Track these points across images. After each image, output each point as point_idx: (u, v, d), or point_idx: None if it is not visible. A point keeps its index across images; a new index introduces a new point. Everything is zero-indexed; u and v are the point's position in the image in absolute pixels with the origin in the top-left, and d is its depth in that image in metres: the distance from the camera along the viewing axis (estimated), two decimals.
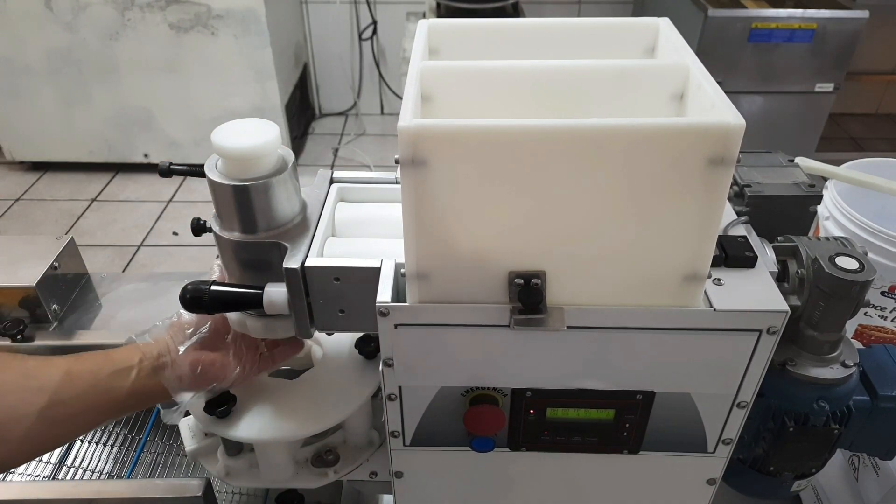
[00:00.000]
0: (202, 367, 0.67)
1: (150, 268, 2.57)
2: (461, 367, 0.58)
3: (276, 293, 0.59)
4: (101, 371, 0.63)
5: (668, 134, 0.46)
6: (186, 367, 0.66)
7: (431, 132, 0.46)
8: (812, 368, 0.63)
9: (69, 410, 0.61)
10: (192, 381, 0.66)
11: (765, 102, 2.58)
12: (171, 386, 0.65)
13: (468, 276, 0.53)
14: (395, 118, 0.48)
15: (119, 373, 0.63)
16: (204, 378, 0.67)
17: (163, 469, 1.00)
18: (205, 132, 1.60)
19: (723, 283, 0.56)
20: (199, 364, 0.66)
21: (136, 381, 0.63)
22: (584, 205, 0.49)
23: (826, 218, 1.06)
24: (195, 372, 0.66)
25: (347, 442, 0.78)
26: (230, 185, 0.59)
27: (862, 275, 0.58)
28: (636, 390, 0.58)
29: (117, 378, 0.63)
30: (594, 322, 0.54)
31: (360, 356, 0.77)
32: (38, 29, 2.72)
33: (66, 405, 0.61)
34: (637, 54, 0.65)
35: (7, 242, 1.09)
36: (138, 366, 0.64)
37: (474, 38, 0.65)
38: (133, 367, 0.63)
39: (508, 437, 0.63)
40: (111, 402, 0.63)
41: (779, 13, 2.39)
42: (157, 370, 0.64)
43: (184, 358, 0.66)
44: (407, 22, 3.12)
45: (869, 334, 1.07)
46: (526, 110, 0.59)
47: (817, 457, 0.68)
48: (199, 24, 2.72)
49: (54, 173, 3.12)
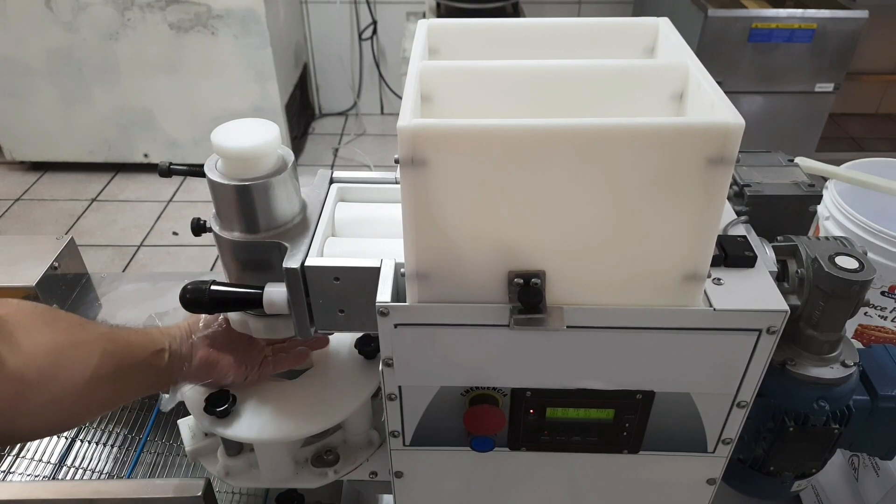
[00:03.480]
0: (211, 365, 0.69)
1: (150, 268, 2.56)
2: (461, 366, 0.58)
3: (276, 293, 0.59)
4: (148, 347, 0.65)
5: (667, 133, 0.46)
6: (198, 360, 0.68)
7: (431, 132, 0.46)
8: (812, 368, 0.63)
9: (129, 378, 0.63)
10: (198, 374, 0.69)
11: (765, 102, 2.58)
12: (182, 375, 0.68)
13: (468, 275, 0.53)
14: (395, 118, 0.48)
15: (158, 353, 0.65)
16: (209, 374, 0.69)
17: (163, 469, 1.00)
18: (205, 132, 1.60)
19: (722, 282, 0.56)
20: (209, 361, 0.69)
21: (168, 363, 0.66)
22: (584, 205, 0.49)
23: (826, 218, 1.06)
24: (203, 367, 0.68)
25: (347, 442, 0.78)
26: (230, 185, 0.59)
27: (862, 274, 0.58)
28: (636, 390, 0.58)
29: (157, 357, 0.65)
30: (594, 322, 0.54)
31: (360, 356, 0.77)
32: (38, 29, 2.72)
33: (127, 373, 0.63)
34: (637, 54, 0.65)
35: (7, 242, 1.09)
36: (168, 349, 0.66)
37: (474, 38, 0.65)
38: (165, 350, 0.66)
39: (508, 437, 0.63)
40: (153, 378, 0.66)
41: (779, 13, 2.39)
42: (176, 357, 0.67)
43: (197, 351, 0.68)
44: (407, 22, 3.12)
45: (869, 334, 1.07)
46: (526, 110, 0.59)
47: (817, 457, 0.68)
48: (199, 24, 2.72)
49: (54, 173, 3.12)
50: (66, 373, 0.57)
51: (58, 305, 1.06)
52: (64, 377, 0.57)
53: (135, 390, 0.66)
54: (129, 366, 0.63)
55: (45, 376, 0.55)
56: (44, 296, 1.03)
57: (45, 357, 0.56)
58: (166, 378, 0.67)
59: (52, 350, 0.56)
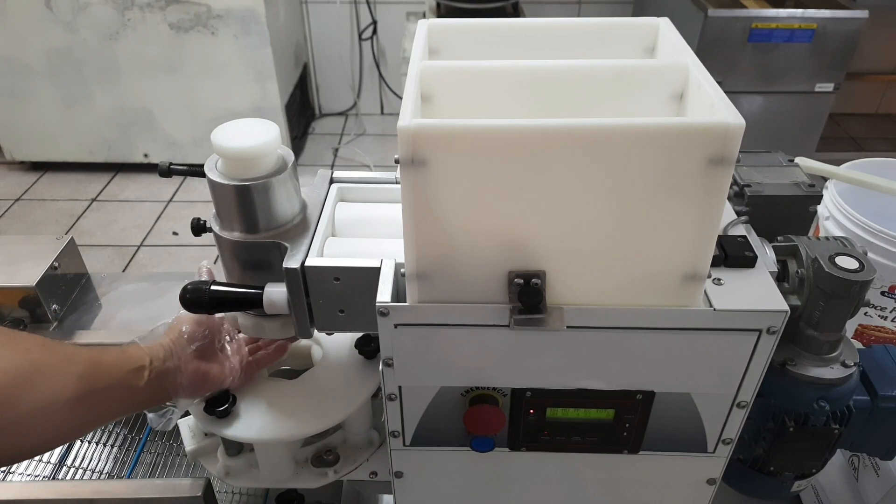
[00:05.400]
0: (203, 377, 0.68)
1: (150, 268, 2.56)
2: (461, 366, 0.58)
3: (276, 293, 0.59)
4: (122, 366, 0.63)
5: (667, 134, 0.46)
6: (190, 374, 0.67)
7: (431, 132, 0.46)
8: (812, 368, 0.63)
9: (99, 401, 0.61)
10: (192, 389, 0.68)
11: (765, 102, 2.58)
12: (175, 392, 0.66)
13: (468, 275, 0.53)
14: (395, 118, 0.48)
15: (136, 371, 0.63)
16: (203, 387, 0.69)
17: (163, 469, 1.00)
18: (205, 132, 1.60)
19: (723, 282, 0.56)
20: (200, 373, 0.68)
21: (148, 381, 0.64)
22: (584, 205, 0.49)
23: (826, 218, 1.06)
24: (197, 381, 0.68)
25: (347, 442, 0.78)
26: (230, 185, 0.59)
27: (862, 274, 0.58)
28: (636, 390, 0.58)
29: (135, 376, 0.63)
30: (594, 322, 0.54)
31: (360, 356, 0.77)
32: (38, 29, 2.72)
33: (97, 395, 0.61)
34: (637, 54, 0.65)
35: (7, 242, 1.09)
36: (149, 367, 0.64)
37: (474, 38, 0.65)
38: (145, 368, 0.64)
39: (508, 437, 0.63)
40: (130, 398, 0.64)
41: (779, 13, 2.39)
42: (161, 374, 0.65)
43: (187, 366, 0.67)
44: (407, 22, 3.12)
45: (869, 334, 1.07)
46: (526, 110, 0.59)
47: (817, 457, 0.68)
48: (199, 24, 2.72)
49: (54, 173, 3.12)
50: (27, 395, 0.55)
51: (58, 306, 1.06)
52: (25, 400, 0.55)
53: (112, 411, 0.64)
54: (102, 387, 0.60)
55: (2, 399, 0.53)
56: (44, 296, 1.02)
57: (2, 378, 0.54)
58: (149, 396, 0.65)
59: (9, 372, 0.54)
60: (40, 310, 1.03)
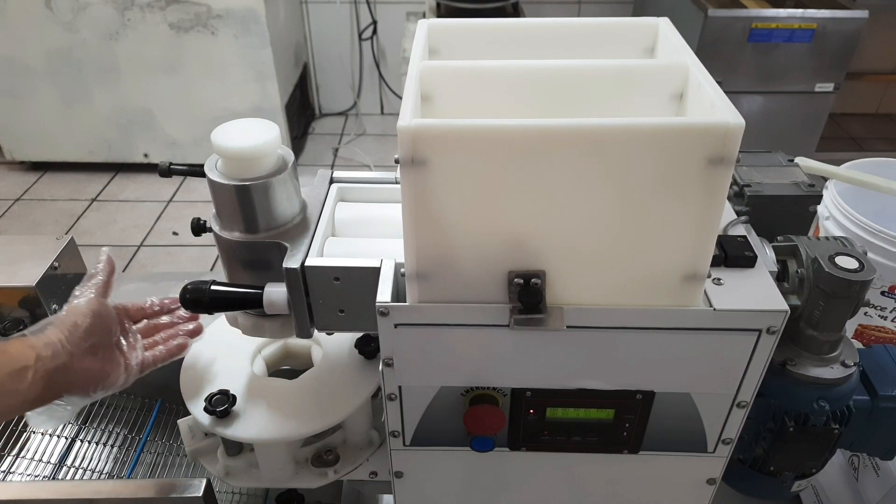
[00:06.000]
0: (96, 375, 0.65)
1: (150, 268, 2.56)
2: (461, 366, 0.58)
3: (276, 293, 0.59)
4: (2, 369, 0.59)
5: (667, 134, 0.46)
6: (82, 372, 0.63)
7: (431, 132, 0.46)
8: (812, 368, 0.63)
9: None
10: (85, 388, 0.64)
11: (765, 102, 2.58)
12: (66, 390, 0.63)
13: (468, 275, 0.53)
14: (395, 118, 0.48)
15: (18, 373, 0.59)
16: (97, 385, 0.65)
17: (163, 469, 0.99)
18: (205, 132, 1.60)
19: (722, 282, 0.56)
20: (93, 371, 0.64)
21: (33, 382, 0.60)
22: (584, 205, 0.49)
23: (826, 218, 1.06)
24: (90, 379, 0.64)
25: (347, 442, 0.78)
26: (230, 185, 0.59)
27: (862, 274, 0.58)
28: (636, 390, 0.58)
29: (15, 379, 0.59)
30: (594, 322, 0.54)
31: (360, 356, 0.77)
32: (38, 29, 2.72)
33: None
34: (637, 54, 0.65)
35: (7, 242, 1.09)
36: (34, 366, 0.60)
37: (474, 38, 0.65)
38: (29, 368, 0.60)
39: (508, 436, 0.63)
40: (10, 401, 0.60)
41: (779, 13, 2.39)
42: (50, 373, 0.61)
43: (79, 363, 0.63)
44: (407, 22, 3.12)
45: (869, 334, 1.08)
46: (526, 110, 0.59)
47: (817, 457, 0.68)
48: (199, 24, 2.72)
49: (54, 173, 3.11)
50: None
51: (58, 306, 1.06)
52: None
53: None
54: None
55: None
56: (44, 296, 1.02)
57: None
58: (36, 397, 0.61)
59: None
60: (40, 310, 1.03)
